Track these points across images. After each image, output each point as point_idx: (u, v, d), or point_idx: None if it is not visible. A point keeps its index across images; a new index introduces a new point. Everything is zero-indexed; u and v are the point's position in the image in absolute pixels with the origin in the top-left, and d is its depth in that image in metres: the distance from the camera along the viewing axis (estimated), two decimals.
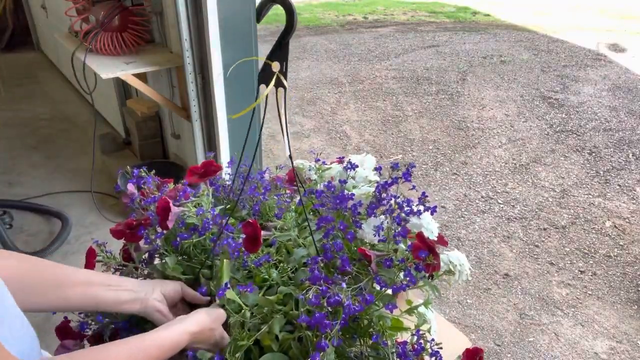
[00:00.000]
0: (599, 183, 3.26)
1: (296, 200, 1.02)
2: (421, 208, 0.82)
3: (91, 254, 0.86)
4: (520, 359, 2.04)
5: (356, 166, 0.96)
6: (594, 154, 3.58)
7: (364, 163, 1.03)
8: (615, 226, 2.85)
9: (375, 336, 0.72)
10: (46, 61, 5.15)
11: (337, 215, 0.87)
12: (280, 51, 0.69)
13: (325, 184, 0.93)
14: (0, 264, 0.67)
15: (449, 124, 4.07)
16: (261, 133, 0.78)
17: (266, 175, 1.06)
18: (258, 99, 0.69)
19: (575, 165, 3.47)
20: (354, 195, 0.88)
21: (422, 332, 0.76)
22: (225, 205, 0.98)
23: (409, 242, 0.81)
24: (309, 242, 0.87)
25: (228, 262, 0.81)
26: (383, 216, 0.81)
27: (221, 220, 0.83)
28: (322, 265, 0.77)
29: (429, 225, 0.81)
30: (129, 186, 0.90)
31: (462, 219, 2.91)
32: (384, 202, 0.86)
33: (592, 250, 2.66)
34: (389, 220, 0.79)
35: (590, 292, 2.39)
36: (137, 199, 0.91)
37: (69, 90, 4.38)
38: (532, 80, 4.88)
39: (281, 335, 0.74)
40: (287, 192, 1.04)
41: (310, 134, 3.93)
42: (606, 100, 4.43)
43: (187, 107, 2.28)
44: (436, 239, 0.84)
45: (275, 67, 0.69)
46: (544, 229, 2.83)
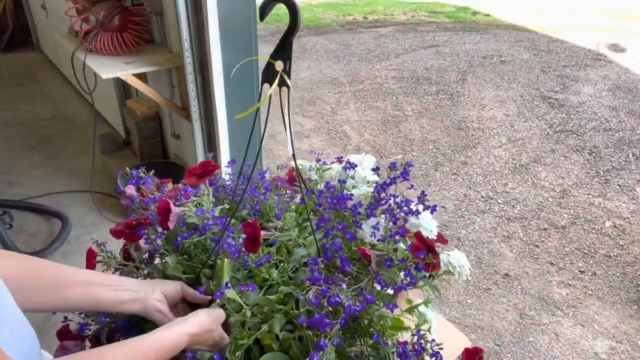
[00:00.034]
0: (599, 183, 3.26)
1: (296, 200, 1.02)
2: (420, 207, 0.82)
3: (91, 254, 0.86)
4: (520, 359, 2.04)
5: (355, 166, 0.96)
6: (594, 154, 3.58)
7: (363, 163, 1.03)
8: (615, 226, 2.85)
9: (375, 336, 0.72)
10: (46, 61, 5.15)
11: (336, 215, 0.87)
12: (283, 50, 0.69)
13: (324, 184, 0.93)
14: (0, 264, 0.67)
15: (449, 124, 4.07)
16: (264, 133, 0.78)
17: (267, 175, 1.06)
18: (262, 98, 0.69)
19: (575, 165, 3.47)
20: (353, 196, 0.88)
21: (422, 332, 0.76)
22: (226, 205, 0.98)
23: (409, 242, 0.81)
24: (309, 242, 0.87)
25: (229, 261, 0.81)
26: (383, 216, 0.81)
27: (225, 220, 0.83)
28: (322, 266, 0.77)
29: (427, 225, 0.81)
30: (127, 188, 0.90)
31: (462, 219, 2.91)
32: (382, 202, 0.86)
33: (592, 250, 2.66)
34: (387, 220, 0.79)
35: (590, 292, 2.39)
36: (137, 199, 0.91)
37: (69, 90, 4.38)
38: (532, 80, 4.88)
39: (281, 334, 0.74)
40: (288, 192, 1.04)
41: (310, 134, 3.93)
42: (606, 100, 4.43)
43: (187, 107, 2.29)
44: (435, 238, 0.84)
45: (279, 66, 0.69)
46: (544, 229, 2.83)
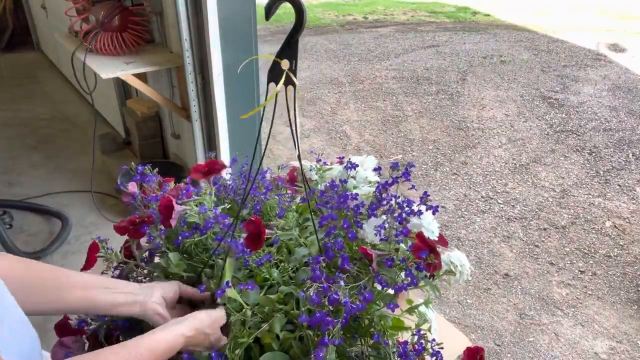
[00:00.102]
0: (599, 183, 3.26)
1: (297, 200, 1.02)
2: (422, 208, 0.82)
3: (93, 248, 0.86)
4: (520, 359, 2.04)
5: (356, 165, 0.96)
6: (594, 154, 3.58)
7: (364, 164, 1.03)
8: (615, 226, 2.85)
9: (376, 336, 0.72)
10: (46, 61, 5.15)
11: (339, 214, 0.87)
12: (289, 49, 0.70)
13: (328, 183, 0.93)
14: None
15: (449, 124, 4.07)
16: (270, 132, 0.77)
17: (267, 175, 1.06)
18: (269, 97, 0.69)
19: (575, 165, 3.47)
20: (358, 196, 0.88)
21: (422, 332, 0.76)
22: (227, 204, 0.98)
23: (409, 242, 0.81)
24: (310, 242, 0.87)
25: (231, 260, 0.81)
26: (384, 216, 0.81)
27: (231, 222, 0.83)
28: (323, 265, 0.77)
29: (429, 226, 0.81)
30: (130, 185, 0.90)
31: (462, 219, 2.91)
32: (384, 202, 0.86)
33: (592, 250, 2.67)
34: (390, 220, 0.79)
35: (590, 292, 2.39)
36: (139, 197, 0.91)
37: (69, 90, 4.38)
38: (532, 80, 4.88)
39: (282, 334, 0.74)
40: (288, 192, 1.04)
41: (310, 134, 3.93)
42: (606, 100, 4.43)
43: (187, 107, 2.28)
44: (437, 238, 0.84)
45: (284, 65, 0.69)
46: (544, 229, 2.83)
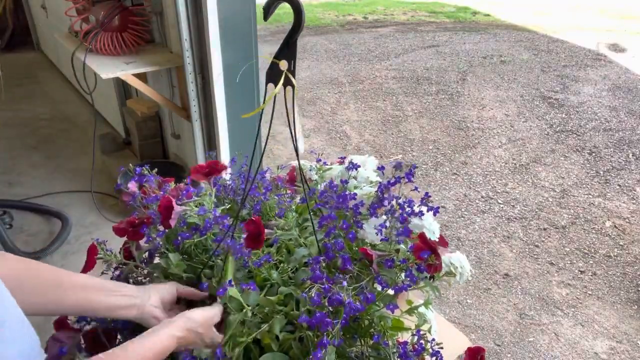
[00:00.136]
0: (599, 183, 3.26)
1: (297, 200, 1.02)
2: (423, 209, 0.82)
3: (92, 250, 0.85)
4: (520, 359, 2.04)
5: (358, 166, 0.96)
6: (594, 154, 3.58)
7: (365, 164, 1.03)
8: (615, 226, 2.85)
9: (376, 336, 0.72)
10: (46, 61, 5.15)
11: (338, 215, 0.87)
12: (288, 50, 0.69)
13: (327, 183, 0.93)
14: None
15: (449, 124, 4.07)
16: (269, 132, 0.77)
17: (267, 175, 1.06)
18: (268, 97, 0.68)
19: (575, 165, 3.47)
20: (356, 195, 0.88)
21: (422, 332, 0.76)
22: (227, 205, 0.98)
23: (409, 243, 0.81)
24: (309, 242, 0.87)
25: (232, 260, 0.81)
26: (385, 216, 0.81)
27: (231, 222, 0.82)
28: (323, 265, 0.76)
29: (430, 226, 0.81)
30: (130, 185, 0.90)
31: (462, 219, 2.91)
32: (385, 203, 0.86)
33: (592, 250, 2.66)
34: (392, 220, 0.79)
35: (590, 292, 2.39)
36: (139, 197, 0.91)
37: (69, 90, 4.38)
38: (532, 80, 4.88)
39: (282, 335, 0.74)
40: (288, 192, 1.04)
41: (310, 134, 3.93)
42: (606, 100, 4.43)
43: (187, 107, 2.28)
44: (437, 239, 0.84)
45: (283, 65, 0.69)
46: (544, 229, 2.83)
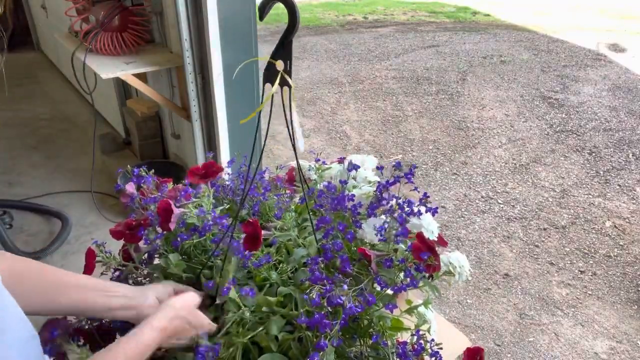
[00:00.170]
0: (599, 183, 3.26)
1: (296, 200, 1.02)
2: (422, 209, 0.82)
3: (90, 255, 0.85)
4: (520, 359, 2.04)
5: (358, 167, 0.96)
6: (594, 154, 3.58)
7: (365, 163, 1.03)
8: (615, 226, 2.85)
9: (375, 336, 0.72)
10: (46, 61, 5.15)
11: (336, 215, 0.87)
12: (283, 50, 0.69)
13: (325, 184, 0.93)
14: None
15: (449, 124, 4.07)
16: (267, 132, 0.77)
17: (266, 175, 1.06)
18: (265, 99, 0.69)
19: (575, 165, 3.47)
20: (354, 196, 0.88)
21: (422, 332, 0.76)
22: (226, 205, 0.98)
23: (408, 243, 0.81)
24: (308, 242, 0.87)
25: (235, 260, 0.80)
26: (384, 216, 0.81)
27: (230, 224, 0.82)
28: (322, 266, 0.76)
29: (429, 226, 0.81)
30: (127, 186, 0.90)
31: (462, 219, 2.91)
32: (384, 202, 0.85)
33: (592, 250, 2.66)
34: (389, 220, 0.79)
35: (590, 292, 2.39)
36: (137, 198, 0.91)
37: (69, 90, 4.38)
38: (532, 80, 4.88)
39: (281, 335, 0.74)
40: (287, 192, 1.04)
41: (310, 134, 3.93)
42: (606, 100, 4.43)
43: (187, 107, 2.28)
44: (436, 239, 0.84)
45: (279, 66, 0.69)
46: (544, 229, 2.83)
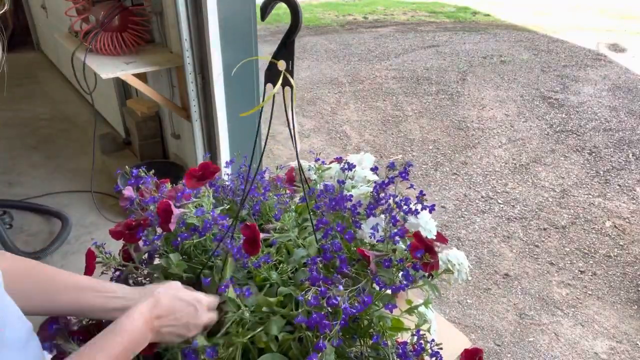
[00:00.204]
0: (599, 183, 3.26)
1: (296, 200, 1.02)
2: (419, 207, 0.82)
3: (90, 256, 0.85)
4: (520, 359, 2.04)
5: (353, 166, 0.96)
6: (594, 154, 3.58)
7: (362, 162, 1.03)
8: (615, 226, 2.85)
9: (375, 336, 0.72)
10: (46, 61, 5.15)
11: (336, 216, 0.87)
12: (285, 50, 0.69)
13: (323, 184, 0.93)
14: None
15: (449, 124, 4.07)
16: (269, 132, 0.77)
17: (266, 175, 1.06)
18: (266, 98, 0.69)
19: (575, 165, 3.46)
20: (352, 197, 0.88)
21: (422, 332, 0.76)
22: (226, 205, 0.98)
23: (408, 242, 0.81)
24: (308, 243, 0.87)
25: (233, 260, 0.80)
26: (382, 216, 0.81)
27: (230, 224, 0.82)
28: (321, 266, 0.76)
29: (426, 225, 0.81)
30: (125, 190, 0.90)
31: (462, 219, 2.91)
32: (382, 202, 0.85)
33: (592, 250, 2.66)
34: (387, 220, 0.79)
35: (590, 292, 2.39)
36: (136, 200, 0.91)
37: (69, 90, 4.38)
38: (532, 80, 4.88)
39: (281, 335, 0.74)
40: (287, 192, 1.04)
41: (310, 134, 3.93)
42: (606, 100, 4.43)
43: (187, 107, 2.28)
44: (435, 237, 0.84)
45: (281, 65, 0.69)
46: (544, 229, 2.83)
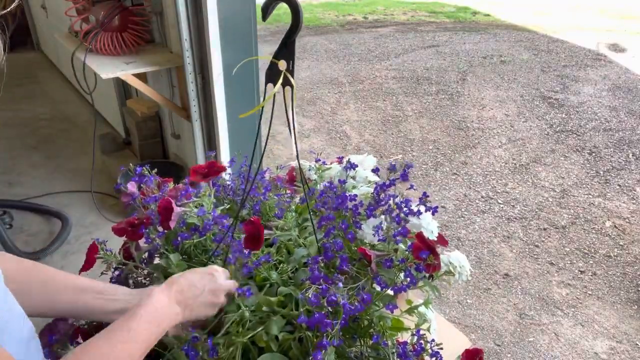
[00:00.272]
0: (599, 183, 3.26)
1: (296, 200, 1.02)
2: (421, 208, 0.82)
3: (92, 249, 0.85)
4: (520, 359, 2.04)
5: (356, 166, 0.96)
6: (594, 154, 3.58)
7: (364, 163, 1.03)
8: (615, 226, 2.85)
9: (375, 336, 0.72)
10: (46, 61, 5.15)
11: (337, 215, 0.87)
12: (286, 50, 0.70)
13: (326, 183, 0.93)
14: None
15: (449, 124, 4.07)
16: (269, 132, 0.78)
17: (266, 175, 1.06)
18: (267, 98, 0.69)
19: (575, 165, 3.47)
20: (356, 197, 0.88)
21: (422, 332, 0.76)
22: (226, 205, 0.98)
23: (408, 242, 0.81)
24: (309, 242, 0.87)
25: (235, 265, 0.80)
26: (383, 216, 0.81)
27: (230, 225, 0.82)
28: (322, 265, 0.76)
29: (429, 226, 0.81)
30: (129, 185, 0.90)
31: (462, 219, 2.91)
32: (382, 203, 0.86)
33: (592, 250, 2.66)
34: (388, 220, 0.79)
35: (590, 292, 2.39)
36: (138, 197, 0.91)
37: (69, 90, 4.38)
38: (532, 80, 4.88)
39: (281, 335, 0.74)
40: (288, 192, 1.04)
41: (310, 134, 3.93)
42: (606, 100, 4.43)
43: (187, 107, 2.28)
44: (436, 239, 0.84)
45: (282, 65, 0.69)
46: (544, 229, 2.83)
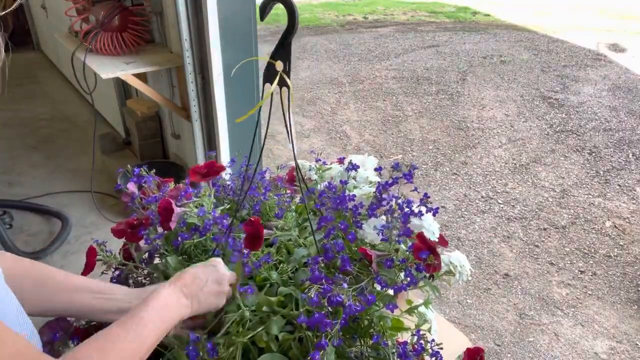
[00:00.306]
0: (599, 183, 3.26)
1: (296, 200, 1.02)
2: (423, 209, 0.82)
3: (91, 252, 0.85)
4: (520, 359, 2.04)
5: (357, 167, 0.96)
6: (594, 154, 3.58)
7: (365, 163, 1.03)
8: (615, 226, 2.85)
9: (375, 336, 0.72)
10: (46, 61, 5.15)
11: (337, 215, 0.87)
12: (283, 50, 0.70)
13: (326, 184, 0.93)
14: None
15: (449, 124, 4.07)
16: (267, 133, 0.78)
17: (266, 175, 1.06)
18: (263, 98, 0.69)
19: (575, 165, 3.47)
20: (355, 197, 0.88)
21: (422, 332, 0.76)
22: (226, 205, 0.98)
23: (409, 243, 0.81)
24: (309, 242, 0.87)
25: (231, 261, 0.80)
26: (384, 216, 0.81)
27: (229, 224, 0.82)
28: (322, 266, 0.76)
29: (430, 227, 0.81)
30: (129, 185, 0.90)
31: (462, 219, 2.91)
32: (384, 203, 0.86)
33: (592, 250, 2.66)
34: (392, 220, 0.79)
35: (590, 292, 2.39)
36: (138, 198, 0.91)
37: (69, 90, 4.38)
38: (532, 80, 4.88)
39: (281, 335, 0.74)
40: (288, 192, 1.04)
41: (310, 134, 3.93)
42: (606, 100, 4.43)
43: (187, 107, 2.28)
44: (437, 239, 0.84)
45: (279, 66, 0.70)
46: (544, 229, 2.83)
